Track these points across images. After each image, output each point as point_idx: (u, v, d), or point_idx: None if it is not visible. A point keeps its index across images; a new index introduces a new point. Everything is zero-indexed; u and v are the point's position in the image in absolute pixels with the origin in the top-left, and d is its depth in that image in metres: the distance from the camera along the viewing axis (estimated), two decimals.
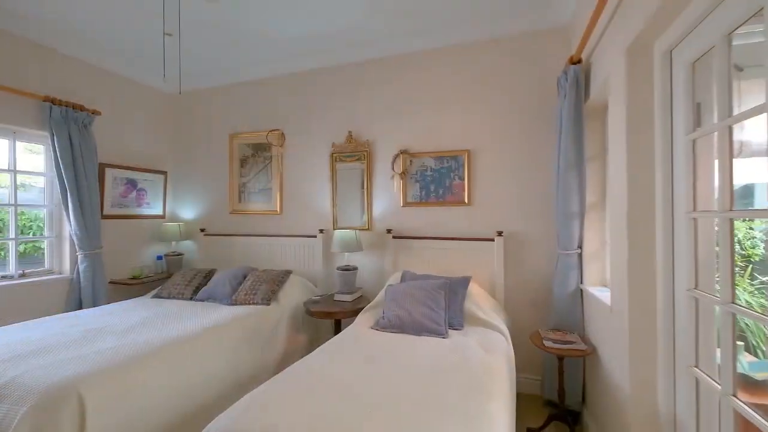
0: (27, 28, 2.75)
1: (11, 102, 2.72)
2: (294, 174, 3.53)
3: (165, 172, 3.92)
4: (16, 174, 2.87)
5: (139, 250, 3.68)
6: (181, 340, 2.06)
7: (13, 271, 2.83)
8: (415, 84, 3.11)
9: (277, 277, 3.02)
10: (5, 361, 1.65)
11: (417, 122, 3.11)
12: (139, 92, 3.69)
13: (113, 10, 2.62)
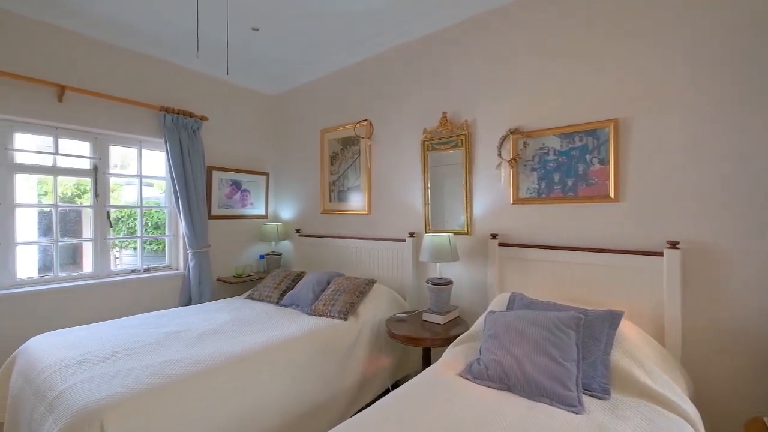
0: (143, 43, 3.01)
1: (136, 114, 3.02)
2: (382, 168, 3.10)
3: (267, 173, 4.01)
4: (142, 179, 3.22)
5: (244, 249, 3.82)
6: (244, 356, 1.83)
7: (140, 266, 3.18)
8: (530, 38, 2.30)
9: (358, 286, 2.64)
10: (68, 367, 1.65)
11: (533, 90, 2.30)
12: (241, 96, 3.82)
13: (217, 22, 2.64)
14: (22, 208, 2.64)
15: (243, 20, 2.74)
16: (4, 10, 2.40)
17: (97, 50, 2.82)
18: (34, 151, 2.66)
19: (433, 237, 2.40)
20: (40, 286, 2.59)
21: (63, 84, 2.60)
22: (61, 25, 2.62)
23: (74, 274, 2.83)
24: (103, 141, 2.96)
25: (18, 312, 2.47)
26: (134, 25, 2.77)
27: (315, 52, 3.26)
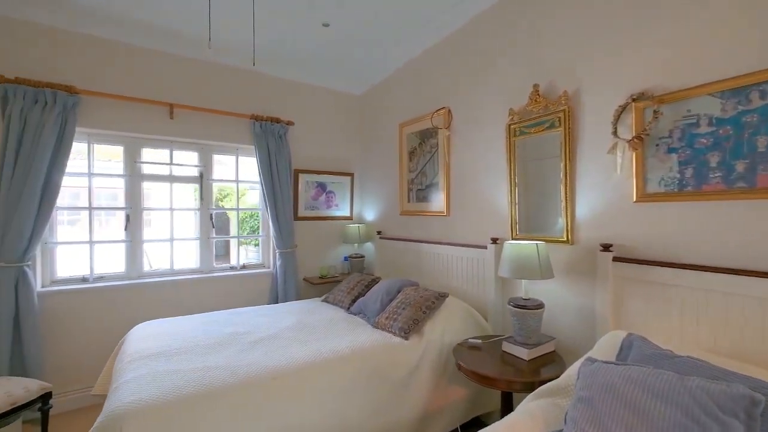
0: (234, 57, 3.25)
1: (232, 124, 3.29)
2: (462, 162, 2.65)
3: (352, 173, 3.96)
4: (238, 184, 3.51)
5: (329, 250, 3.84)
6: (286, 370, 1.69)
7: (237, 264, 3.47)
8: None
9: (426, 300, 2.27)
10: (137, 360, 1.78)
11: (676, 29, 1.55)
12: (327, 98, 3.84)
13: (288, 24, 2.66)
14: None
15: (313, 16, 2.67)
16: (127, 44, 2.86)
17: (197, 69, 3.15)
18: (155, 162, 3.14)
19: (515, 246, 1.86)
20: (158, 278, 3.03)
21: (172, 102, 2.99)
22: (167, 50, 3.01)
23: (185, 269, 3.24)
24: (207, 150, 3.32)
25: (141, 299, 2.93)
26: (226, 42, 3.00)
27: (390, 40, 3.00)
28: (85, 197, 2.86)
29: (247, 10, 2.48)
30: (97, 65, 2.74)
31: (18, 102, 2.42)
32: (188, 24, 2.68)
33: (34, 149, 2.44)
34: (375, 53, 3.17)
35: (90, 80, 2.70)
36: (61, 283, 2.75)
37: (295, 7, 2.50)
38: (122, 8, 2.47)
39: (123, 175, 2.98)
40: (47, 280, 2.71)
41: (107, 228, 3.47)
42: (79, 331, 2.67)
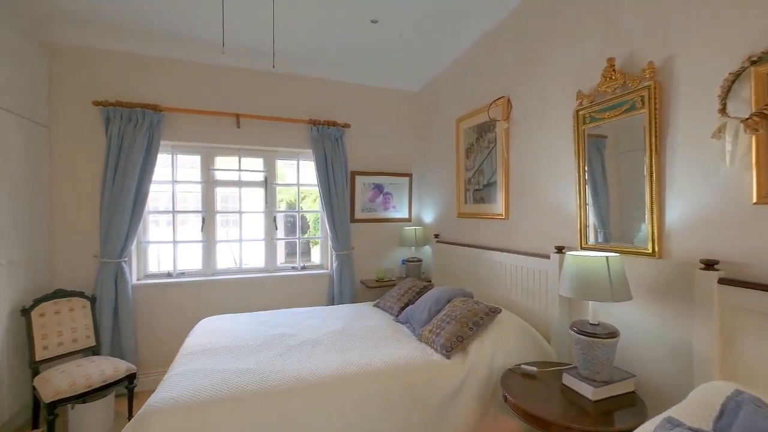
0: (292, 64, 3.36)
1: (292, 130, 3.42)
2: (523, 157, 2.31)
3: (410, 174, 3.81)
4: (299, 187, 3.63)
5: (387, 252, 3.76)
6: (311, 382, 1.62)
7: (298, 264, 3.60)
8: None
9: (474, 315, 2.01)
10: (190, 354, 1.91)
11: None
12: (383, 98, 3.76)
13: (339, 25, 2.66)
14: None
15: (360, 13, 2.59)
16: (199, 62, 3.15)
17: (258, 79, 3.33)
18: (226, 169, 3.42)
19: (579, 259, 1.52)
20: (229, 276, 3.30)
21: (238, 113, 3.21)
22: (232, 65, 3.23)
23: (253, 267, 3.47)
24: (271, 156, 3.51)
25: (214, 294, 3.20)
26: (283, 51, 3.10)
27: (443, 31, 2.77)
28: (174, 202, 3.24)
29: (291, 17, 2.51)
30: (176, 84, 3.08)
31: (116, 122, 2.84)
32: (250, 37, 2.83)
33: (127, 161, 2.83)
34: (428, 46, 2.97)
35: (171, 98, 3.04)
36: (151, 277, 3.15)
37: (342, 3, 2.45)
38: (195, 30, 2.70)
39: (200, 181, 3.31)
40: (141, 274, 3.13)
41: (192, 229, 3.88)
42: (164, 319, 3.03)
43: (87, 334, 2.60)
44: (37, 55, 2.61)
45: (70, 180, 2.83)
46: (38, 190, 2.63)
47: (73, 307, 2.58)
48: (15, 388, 2.30)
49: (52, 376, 2.17)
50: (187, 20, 2.56)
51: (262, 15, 2.48)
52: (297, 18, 2.54)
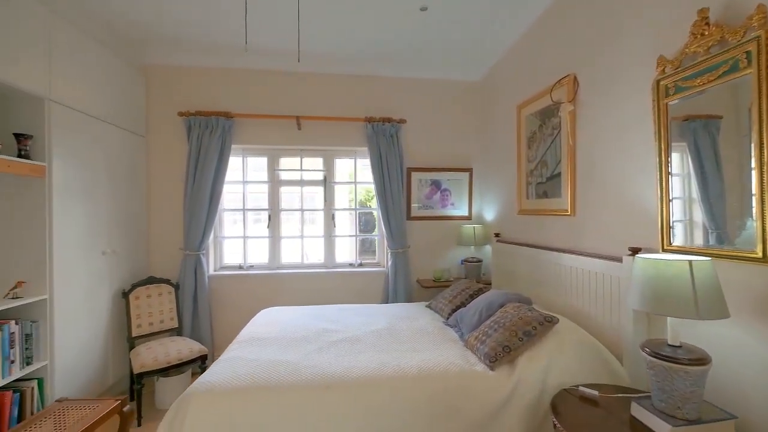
0: (347, 64, 3.39)
1: (349, 128, 3.47)
2: (590, 143, 1.98)
3: (470, 169, 3.58)
4: (356, 185, 3.67)
5: (446, 252, 3.59)
6: (347, 380, 1.59)
7: (355, 261, 3.64)
8: None
9: (526, 323, 1.78)
10: (243, 341, 2.05)
11: None
12: (440, 90, 3.59)
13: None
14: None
15: (408, 2, 2.50)
16: (262, 69, 3.37)
17: (315, 81, 3.44)
18: (289, 169, 3.61)
19: (653, 263, 1.22)
20: (292, 270, 3.48)
21: (298, 115, 3.36)
22: (290, 69, 3.39)
23: (313, 263, 3.61)
24: (330, 156, 3.61)
25: (278, 286, 3.41)
26: (337, 50, 3.16)
27: (500, 12, 2.53)
28: (245, 200, 3.55)
29: (341, 16, 2.53)
30: (243, 92, 3.35)
31: (196, 129, 3.19)
32: (305, 42, 2.94)
33: (204, 164, 3.16)
34: (485, 30, 2.75)
35: (240, 105, 3.32)
36: (225, 269, 3.49)
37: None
38: (260, 41, 2.90)
39: (266, 181, 3.55)
40: (217, 266, 3.49)
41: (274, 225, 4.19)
42: (234, 307, 3.33)
43: (171, 316, 2.97)
44: (137, 77, 3.07)
45: (161, 182, 3.27)
46: (137, 191, 3.09)
47: (162, 292, 2.97)
48: (117, 358, 2.73)
49: (141, 351, 2.53)
50: (253, 32, 2.75)
51: (313, 19, 2.55)
52: (346, 16, 2.55)
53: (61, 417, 1.83)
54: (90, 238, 2.47)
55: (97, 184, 2.55)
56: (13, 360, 1.93)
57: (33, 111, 2.10)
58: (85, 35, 2.42)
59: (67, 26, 2.26)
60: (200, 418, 1.43)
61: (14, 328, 1.95)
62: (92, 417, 1.83)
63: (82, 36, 2.39)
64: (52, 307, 2.13)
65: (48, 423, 1.79)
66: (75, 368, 2.30)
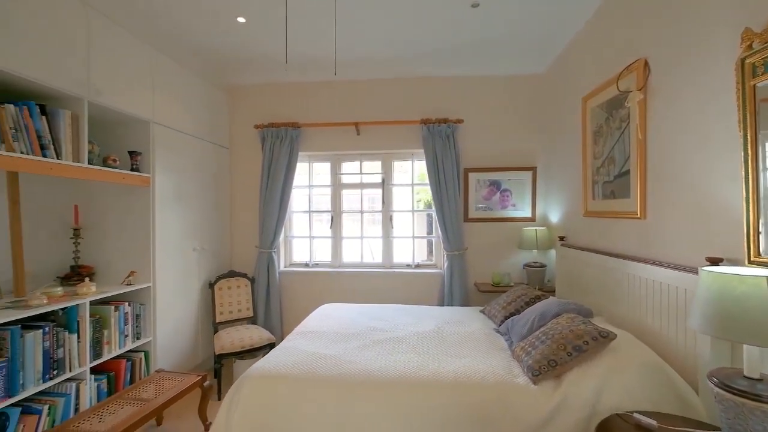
0: (404, 68, 3.43)
1: (406, 131, 3.52)
2: (663, 135, 1.72)
3: (533, 168, 3.35)
4: (413, 187, 3.70)
5: (506, 255, 3.42)
6: (381, 381, 1.64)
7: (412, 262, 3.67)
8: None
9: (577, 337, 1.62)
10: (294, 333, 2.23)
11: None
12: (500, 87, 3.42)
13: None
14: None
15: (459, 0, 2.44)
16: (324, 81, 3.59)
17: (372, 88, 3.55)
18: (350, 173, 3.80)
19: (719, 277, 1.04)
20: (351, 269, 3.66)
21: (357, 121, 3.52)
22: (349, 78, 3.55)
23: (371, 263, 3.75)
24: (388, 159, 3.70)
25: (337, 284, 3.62)
26: (389, 57, 3.22)
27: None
28: (310, 203, 3.84)
29: (391, 19, 2.59)
30: (308, 103, 3.62)
31: (269, 139, 3.55)
32: (360, 50, 3.07)
33: (275, 171, 3.50)
34: (549, 19, 2.55)
35: (305, 115, 3.60)
36: (294, 265, 3.81)
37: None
38: (320, 54, 3.13)
39: (329, 185, 3.79)
40: (287, 263, 3.83)
41: (349, 226, 4.46)
42: (301, 301, 3.62)
43: (247, 306, 3.36)
44: (221, 96, 3.54)
45: (241, 188, 3.71)
46: (222, 196, 3.55)
47: (240, 285, 3.38)
48: (205, 339, 3.18)
49: (222, 335, 2.92)
50: (313, 46, 2.97)
51: (363, 26, 2.66)
52: (396, 20, 2.60)
53: (160, 384, 2.22)
54: (183, 237, 2.93)
55: (189, 190, 3.01)
56: (126, 334, 2.40)
57: (141, 132, 2.58)
58: (179, 65, 2.88)
59: (167, 60, 2.72)
60: (251, 398, 1.62)
61: (128, 309, 2.42)
62: (180, 387, 2.18)
63: (177, 66, 2.84)
64: (155, 293, 2.58)
65: (150, 387, 2.18)
66: (171, 345, 2.75)
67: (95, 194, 2.54)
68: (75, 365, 1.99)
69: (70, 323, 1.98)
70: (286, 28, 2.57)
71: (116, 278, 2.51)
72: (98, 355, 2.17)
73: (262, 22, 2.62)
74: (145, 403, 1.98)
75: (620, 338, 1.68)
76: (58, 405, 1.89)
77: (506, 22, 2.59)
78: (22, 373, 1.72)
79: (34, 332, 1.79)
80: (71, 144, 2.01)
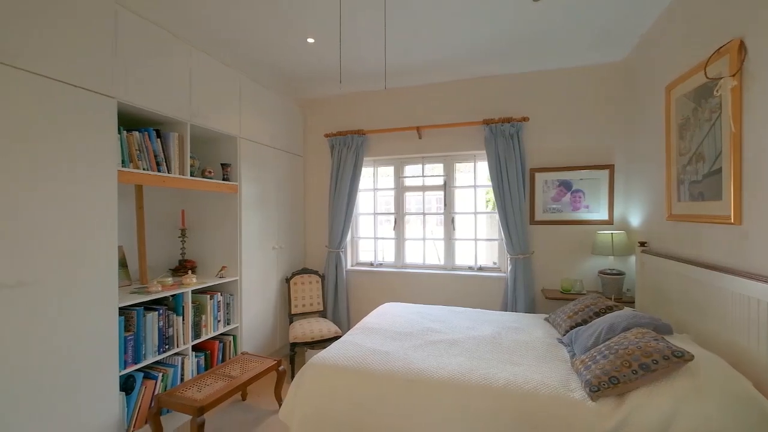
0: (463, 70, 3.39)
1: (468, 132, 3.48)
2: (762, 126, 1.47)
3: (610, 166, 3.05)
4: (476, 189, 3.64)
5: (577, 260, 3.17)
6: (429, 380, 1.70)
7: (474, 265, 3.62)
8: None
9: (646, 354, 1.48)
10: (356, 328, 2.40)
11: None
12: (572, 79, 3.17)
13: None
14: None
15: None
16: (388, 89, 3.72)
17: (432, 92, 3.58)
18: (412, 176, 3.88)
19: None
20: (414, 270, 3.75)
21: (419, 126, 3.59)
22: (410, 84, 3.62)
23: (433, 264, 3.79)
24: (450, 161, 3.71)
25: (400, 284, 3.74)
26: (447, 59, 3.22)
27: None
28: (375, 205, 4.03)
29: (448, 21, 2.61)
30: (372, 110, 3.80)
31: (338, 147, 3.82)
32: (412, 55, 3.14)
33: (342, 176, 3.75)
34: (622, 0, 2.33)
35: (370, 122, 3.79)
36: (360, 265, 4.03)
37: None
38: (379, 66, 3.29)
39: (393, 188, 3.93)
40: (353, 262, 4.07)
41: (413, 228, 4.60)
42: (365, 298, 3.82)
43: (318, 301, 3.67)
44: (296, 109, 3.90)
45: (313, 192, 4.05)
46: (297, 200, 3.92)
47: (311, 281, 3.70)
48: (282, 329, 3.56)
49: (295, 326, 3.24)
50: (373, 58, 3.13)
51: (420, 31, 2.72)
52: (454, 20, 2.62)
53: (245, 364, 2.56)
54: (264, 237, 3.31)
55: (268, 196, 3.40)
56: (219, 320, 2.82)
57: (230, 147, 2.99)
58: (260, 84, 3.27)
59: (249, 81, 3.11)
60: (312, 384, 1.82)
61: (220, 298, 2.84)
62: (260, 368, 2.50)
63: (258, 86, 3.23)
64: (241, 285, 2.98)
65: (237, 366, 2.54)
66: (254, 331, 3.14)
67: (196, 201, 3.03)
68: (180, 342, 2.42)
69: (177, 307, 2.42)
70: (340, 49, 2.77)
71: (211, 272, 2.97)
72: (197, 336, 2.59)
73: (328, 40, 2.85)
74: (233, 379, 2.32)
75: (704, 360, 1.50)
76: (168, 374, 2.33)
77: (574, 11, 2.43)
78: (144, 345, 2.16)
79: (153, 313, 2.23)
80: (178, 160, 2.44)
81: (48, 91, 1.68)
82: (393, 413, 1.65)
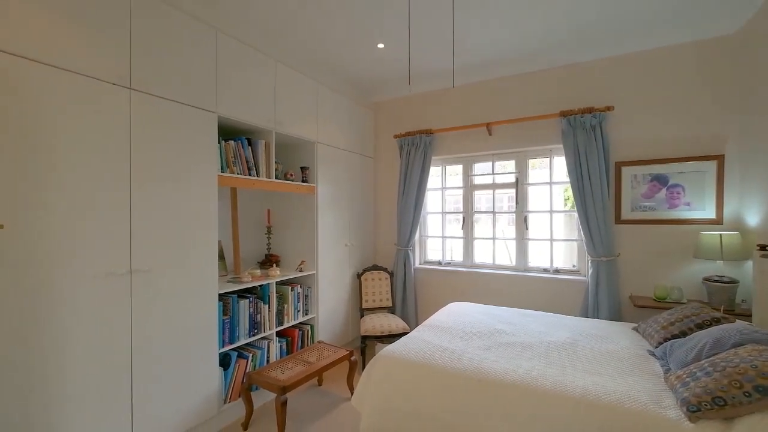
0: (531, 62, 3.20)
1: (543, 126, 3.29)
2: None
3: (719, 156, 2.64)
4: (552, 186, 3.42)
5: (676, 265, 2.80)
6: (495, 382, 1.67)
7: (550, 267, 3.40)
8: None
9: (762, 374, 1.28)
10: (424, 325, 2.43)
11: None
12: (663, 60, 2.80)
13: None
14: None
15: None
16: (448, 88, 3.68)
17: (501, 86, 3.44)
18: (482, 174, 3.79)
19: None
20: (483, 270, 3.66)
21: (488, 122, 3.49)
22: (477, 80, 3.53)
23: (504, 264, 3.66)
24: (523, 157, 3.54)
25: (468, 283, 3.68)
26: (523, 46, 3.07)
27: None
28: (444, 204, 4.02)
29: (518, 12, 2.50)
30: (440, 109, 3.79)
31: (405, 147, 3.90)
32: (481, 51, 3.07)
33: (410, 175, 3.82)
34: None
35: (438, 121, 3.79)
36: (428, 263, 4.06)
37: None
38: (448, 65, 3.28)
39: (461, 186, 3.88)
40: (422, 260, 4.11)
41: (483, 227, 4.54)
42: (433, 296, 3.84)
43: (387, 297, 3.79)
44: (368, 113, 4.07)
45: (383, 192, 4.18)
46: (368, 199, 4.09)
47: (381, 277, 3.83)
48: (354, 322, 3.75)
49: (365, 320, 3.40)
50: (441, 58, 3.14)
51: (489, 24, 2.66)
52: (523, 9, 2.51)
53: (321, 352, 2.77)
54: (338, 235, 3.53)
55: (342, 195, 3.60)
56: (298, 310, 3.08)
57: (308, 151, 3.25)
58: (334, 91, 3.48)
59: (325, 89, 3.34)
60: (381, 375, 1.91)
61: (299, 290, 3.10)
62: (334, 357, 2.68)
63: (333, 93, 3.44)
64: (318, 279, 3.22)
65: (314, 353, 2.75)
66: (329, 323, 3.37)
67: (279, 201, 3.34)
68: (267, 328, 2.71)
69: (264, 296, 2.71)
70: (409, 52, 2.82)
71: (292, 265, 3.25)
72: (280, 323, 2.87)
73: (398, 44, 2.93)
74: (311, 365, 2.53)
75: None
76: (257, 355, 2.62)
77: None
78: (238, 328, 2.47)
79: (244, 300, 2.53)
80: (265, 165, 2.73)
81: (167, 111, 2.02)
82: (458, 411, 1.67)
